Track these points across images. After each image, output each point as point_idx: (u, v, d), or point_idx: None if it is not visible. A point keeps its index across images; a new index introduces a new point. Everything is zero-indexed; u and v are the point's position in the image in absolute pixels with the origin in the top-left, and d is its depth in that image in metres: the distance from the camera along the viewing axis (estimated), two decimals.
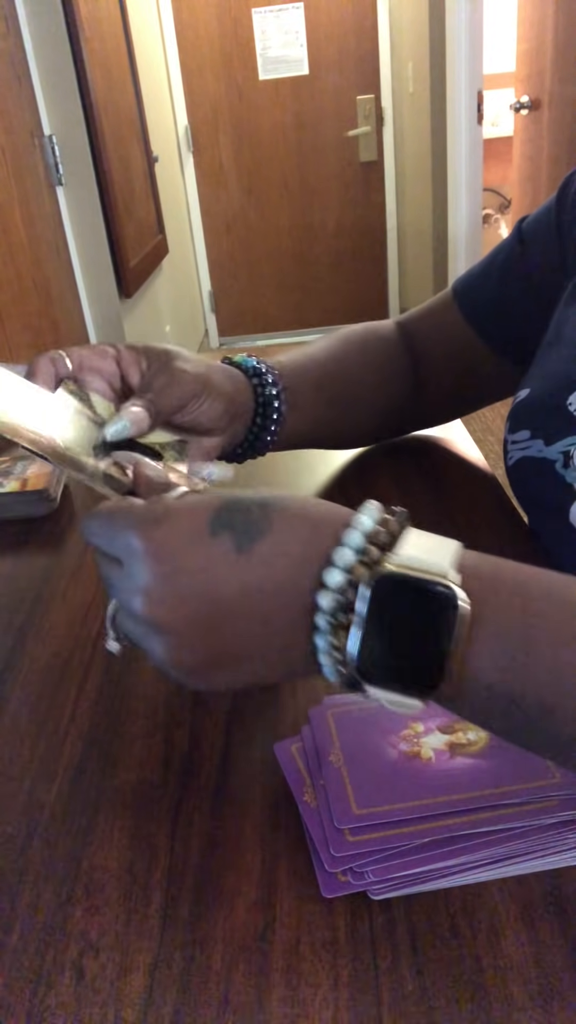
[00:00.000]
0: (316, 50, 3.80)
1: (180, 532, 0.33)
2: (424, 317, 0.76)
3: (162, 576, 0.32)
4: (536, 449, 0.58)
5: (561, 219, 0.65)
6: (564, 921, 0.34)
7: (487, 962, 0.33)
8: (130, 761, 0.45)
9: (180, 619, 0.32)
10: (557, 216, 0.65)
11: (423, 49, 3.11)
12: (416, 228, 3.80)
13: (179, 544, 0.33)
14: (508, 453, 0.62)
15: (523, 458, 0.59)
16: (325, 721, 0.44)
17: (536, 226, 0.68)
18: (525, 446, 0.59)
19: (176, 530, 0.33)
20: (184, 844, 0.39)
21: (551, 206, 0.67)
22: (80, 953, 0.35)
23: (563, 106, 2.47)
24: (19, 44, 1.83)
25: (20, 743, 0.47)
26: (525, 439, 0.59)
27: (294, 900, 0.36)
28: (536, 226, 0.68)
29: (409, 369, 0.74)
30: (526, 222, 0.70)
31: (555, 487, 0.56)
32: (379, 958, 0.33)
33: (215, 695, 0.49)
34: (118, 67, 2.54)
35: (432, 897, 0.36)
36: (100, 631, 0.57)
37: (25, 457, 0.81)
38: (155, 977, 0.34)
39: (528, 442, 0.59)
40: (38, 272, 1.82)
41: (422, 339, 0.75)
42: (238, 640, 0.33)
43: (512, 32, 2.98)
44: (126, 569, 0.33)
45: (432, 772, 0.39)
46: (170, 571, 0.32)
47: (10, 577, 0.65)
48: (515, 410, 0.62)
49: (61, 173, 2.02)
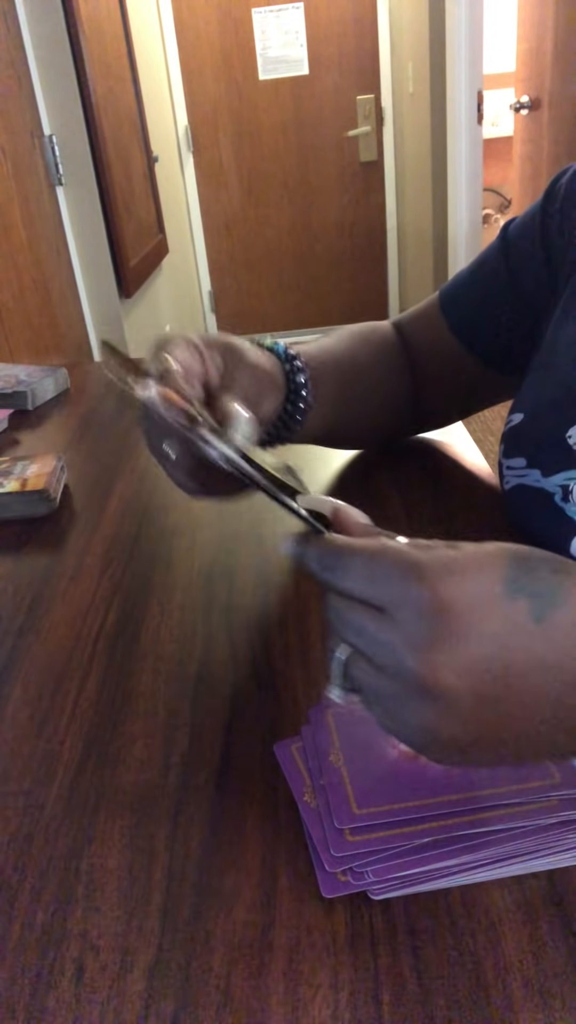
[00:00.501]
0: (316, 50, 3.80)
1: (474, 590, 0.29)
2: (414, 321, 0.75)
3: (451, 637, 0.28)
4: (533, 479, 0.57)
5: (546, 222, 0.64)
6: (564, 921, 0.34)
7: (487, 962, 0.33)
8: (130, 761, 0.45)
9: (464, 688, 0.29)
10: (542, 220, 0.64)
11: (423, 49, 3.10)
12: (416, 228, 3.79)
13: (473, 603, 0.29)
14: (504, 476, 0.61)
15: (520, 485, 0.58)
16: (325, 721, 0.44)
17: (521, 231, 0.67)
18: (521, 473, 0.58)
19: (470, 587, 0.29)
20: (184, 844, 0.39)
21: (535, 211, 0.65)
22: (80, 953, 0.35)
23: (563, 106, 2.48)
24: (19, 44, 1.83)
25: (20, 743, 0.47)
26: (521, 467, 0.58)
27: (294, 900, 0.36)
28: (521, 231, 0.67)
29: (408, 369, 0.74)
30: (512, 226, 0.69)
31: (555, 520, 0.55)
32: (379, 958, 0.33)
33: (218, 696, 0.49)
34: (118, 67, 2.54)
35: (432, 897, 0.36)
36: (100, 631, 0.57)
37: (25, 457, 0.81)
38: (155, 977, 0.34)
39: (524, 470, 0.58)
40: (38, 272, 1.82)
41: (415, 343, 0.74)
42: (521, 719, 0.30)
43: (512, 32, 2.98)
44: (397, 620, 0.29)
45: (432, 772, 0.39)
46: (462, 633, 0.28)
47: (10, 577, 0.65)
48: (509, 435, 0.61)
49: (61, 173, 2.02)
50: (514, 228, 0.68)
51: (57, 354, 1.90)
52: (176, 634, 0.56)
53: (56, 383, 1.13)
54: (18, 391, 1.07)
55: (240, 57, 3.82)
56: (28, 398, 1.07)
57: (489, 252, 0.70)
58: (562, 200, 0.63)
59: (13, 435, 0.99)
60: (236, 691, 0.49)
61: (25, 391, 1.06)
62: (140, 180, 2.78)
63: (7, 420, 1.02)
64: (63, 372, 1.14)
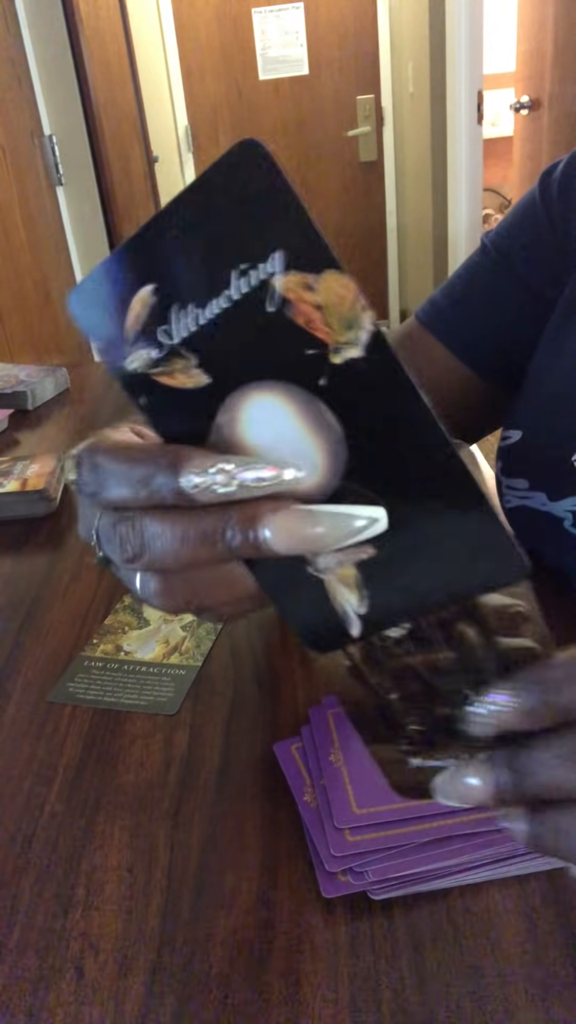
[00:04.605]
0: (316, 50, 3.80)
1: None
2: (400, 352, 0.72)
3: None
4: (539, 502, 0.55)
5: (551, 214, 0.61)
6: (564, 921, 0.34)
7: (487, 962, 0.33)
8: (130, 761, 0.45)
9: None
10: (546, 213, 0.61)
11: (423, 49, 3.10)
12: (416, 228, 3.79)
13: None
14: (504, 495, 0.59)
15: (524, 507, 0.57)
16: (325, 721, 0.44)
17: (513, 232, 0.64)
18: (525, 495, 0.57)
19: None
20: (184, 844, 0.39)
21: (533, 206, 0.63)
22: (80, 953, 0.35)
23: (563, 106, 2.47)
24: (19, 44, 1.83)
25: (20, 743, 0.47)
26: (523, 488, 0.57)
27: (294, 900, 0.36)
28: (513, 232, 0.64)
29: None
30: (493, 235, 0.66)
31: (569, 546, 0.53)
32: (379, 958, 0.33)
33: (218, 696, 0.49)
34: (118, 67, 2.54)
35: (432, 897, 0.36)
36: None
37: (25, 457, 0.81)
38: (155, 977, 0.34)
39: (528, 492, 0.56)
40: (38, 272, 1.82)
41: None
42: None
43: (512, 32, 2.98)
44: None
45: None
46: None
47: (10, 577, 0.65)
48: (506, 452, 0.59)
49: (61, 173, 2.02)
50: (498, 233, 0.65)
51: (57, 354, 1.90)
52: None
53: (56, 383, 1.13)
54: (18, 391, 1.07)
55: (240, 57, 3.82)
56: (28, 398, 1.07)
57: (475, 269, 0.67)
58: (558, 195, 0.61)
59: (13, 435, 0.99)
60: (236, 691, 0.49)
61: (25, 391, 1.06)
62: (140, 180, 2.78)
63: (7, 420, 1.02)
64: (63, 372, 1.14)
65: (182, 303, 0.23)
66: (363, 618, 0.25)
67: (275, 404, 0.23)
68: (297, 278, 0.21)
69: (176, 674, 0.51)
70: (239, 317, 0.22)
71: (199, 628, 0.56)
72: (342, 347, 0.22)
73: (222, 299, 0.22)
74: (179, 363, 0.23)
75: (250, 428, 0.23)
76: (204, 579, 0.26)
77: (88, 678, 0.52)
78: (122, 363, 0.24)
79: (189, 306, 0.22)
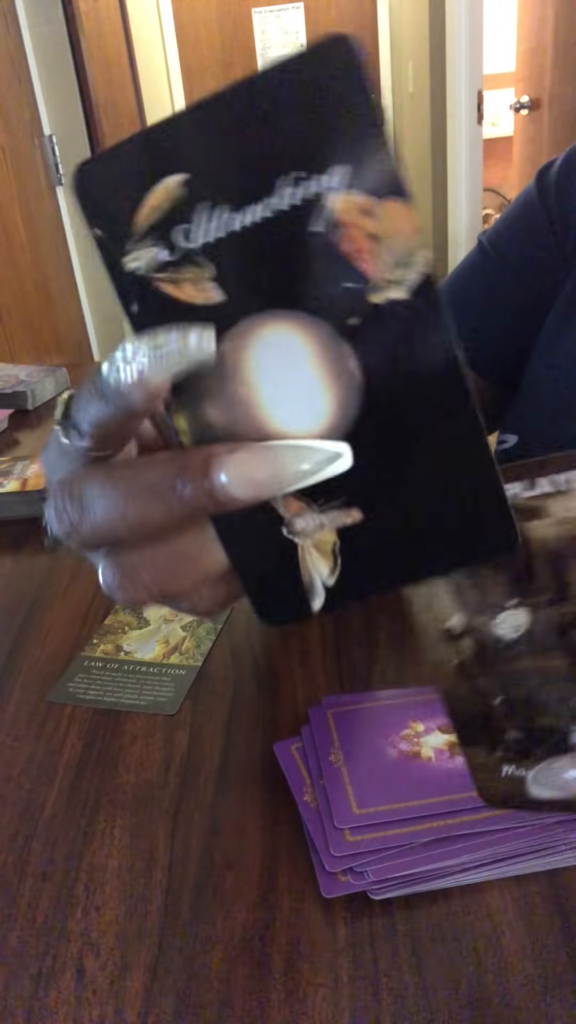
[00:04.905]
0: None
1: None
2: None
3: None
4: None
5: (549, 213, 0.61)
6: (564, 921, 0.34)
7: (487, 962, 0.33)
8: (130, 761, 0.45)
9: None
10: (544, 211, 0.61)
11: (423, 49, 3.10)
12: None
13: None
14: None
15: None
16: (325, 721, 0.44)
17: (510, 231, 0.64)
18: None
19: None
20: (184, 844, 0.39)
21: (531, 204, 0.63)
22: (80, 953, 0.35)
23: (563, 106, 2.47)
24: (19, 44, 1.83)
25: (20, 743, 0.47)
26: None
27: (294, 900, 0.36)
28: (510, 231, 0.64)
29: None
30: (490, 234, 0.65)
31: None
32: (379, 958, 0.33)
33: (218, 696, 0.49)
34: (118, 67, 2.54)
35: (432, 897, 0.36)
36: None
37: (25, 457, 0.81)
38: (155, 977, 0.34)
39: None
40: (38, 272, 1.82)
41: None
42: None
43: (512, 32, 2.98)
44: None
45: (432, 772, 0.39)
46: None
47: (10, 577, 0.65)
48: (502, 457, 0.58)
49: (61, 173, 2.02)
50: (496, 232, 0.65)
51: (57, 354, 1.90)
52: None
53: (56, 383, 1.13)
54: (18, 391, 1.07)
55: (240, 57, 3.83)
56: (28, 398, 1.07)
57: (473, 269, 0.66)
58: (555, 193, 0.61)
59: (13, 435, 0.99)
60: (236, 691, 0.49)
61: (25, 391, 1.06)
62: None
63: (7, 420, 1.02)
64: (63, 372, 1.14)
65: (214, 203, 0.19)
66: (329, 591, 0.23)
67: (293, 338, 0.20)
68: (357, 199, 0.18)
69: (176, 674, 0.51)
70: (276, 231, 0.19)
71: (199, 628, 0.56)
72: (386, 286, 0.19)
73: (261, 207, 0.19)
74: (191, 272, 0.20)
75: (256, 362, 0.20)
76: (165, 555, 0.23)
77: (88, 678, 0.52)
78: (121, 259, 0.21)
79: (220, 208, 0.19)
